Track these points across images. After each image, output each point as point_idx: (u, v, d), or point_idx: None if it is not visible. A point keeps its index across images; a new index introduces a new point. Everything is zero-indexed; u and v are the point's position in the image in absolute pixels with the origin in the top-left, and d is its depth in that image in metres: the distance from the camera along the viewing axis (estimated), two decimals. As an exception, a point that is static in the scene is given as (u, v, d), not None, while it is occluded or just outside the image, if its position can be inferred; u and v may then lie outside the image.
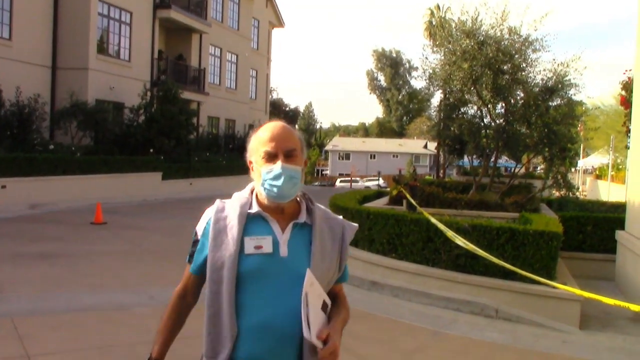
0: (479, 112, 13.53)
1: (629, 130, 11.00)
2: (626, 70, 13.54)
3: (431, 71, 13.23)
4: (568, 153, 12.93)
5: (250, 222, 2.19)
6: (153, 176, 24.83)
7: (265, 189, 2.17)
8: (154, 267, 10.49)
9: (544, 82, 12.67)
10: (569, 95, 12.74)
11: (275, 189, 2.15)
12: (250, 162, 2.27)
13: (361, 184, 57.39)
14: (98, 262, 10.60)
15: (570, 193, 13.12)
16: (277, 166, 2.14)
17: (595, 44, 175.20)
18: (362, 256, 9.93)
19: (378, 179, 61.08)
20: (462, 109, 13.65)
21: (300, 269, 2.11)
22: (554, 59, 12.57)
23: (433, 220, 8.86)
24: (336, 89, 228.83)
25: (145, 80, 26.84)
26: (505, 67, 12.31)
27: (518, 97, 12.94)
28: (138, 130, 24.70)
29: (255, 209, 2.22)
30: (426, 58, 13.54)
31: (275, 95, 58.47)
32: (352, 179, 60.65)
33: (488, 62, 12.01)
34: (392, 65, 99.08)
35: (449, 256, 8.73)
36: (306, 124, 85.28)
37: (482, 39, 12.40)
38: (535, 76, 12.69)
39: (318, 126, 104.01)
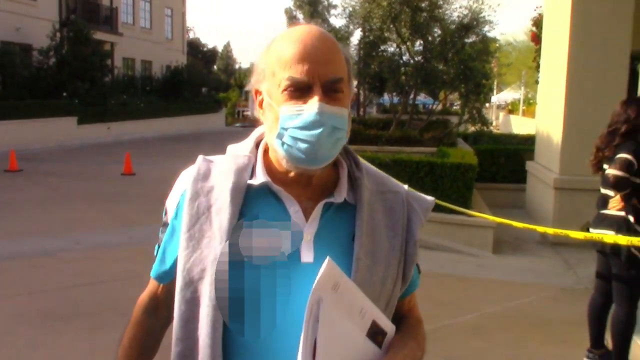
0: (398, 49, 13.79)
1: (539, 66, 11.53)
2: (537, 7, 14.05)
3: (351, 9, 13.32)
4: (483, 89, 13.47)
5: (251, 201, 1.28)
6: (68, 121, 23.93)
7: (286, 145, 1.24)
8: (76, 212, 10.32)
9: (460, 19, 13.03)
10: (484, 32, 13.18)
11: (305, 147, 1.21)
12: (258, 93, 1.32)
13: None
14: (18, 209, 10.32)
15: (485, 127, 13.73)
16: (312, 107, 1.20)
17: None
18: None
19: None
20: (381, 47, 13.86)
21: None
22: (469, -5, 12.92)
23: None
24: (255, 28, 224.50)
25: (54, 21, 25.51)
26: (423, 5, 12.57)
27: (435, 35, 13.27)
28: (49, 73, 23.64)
29: (261, 178, 1.30)
30: (346, -5, 13.59)
31: (192, 35, 56.87)
32: None
33: (407, 0, 12.19)
34: (310, 3, 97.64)
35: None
36: (225, 64, 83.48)
37: (400, -25, 12.52)
38: (451, 13, 13.06)
39: (237, 66, 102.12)
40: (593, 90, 8.04)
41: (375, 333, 1.24)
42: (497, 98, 41.11)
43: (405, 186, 1.45)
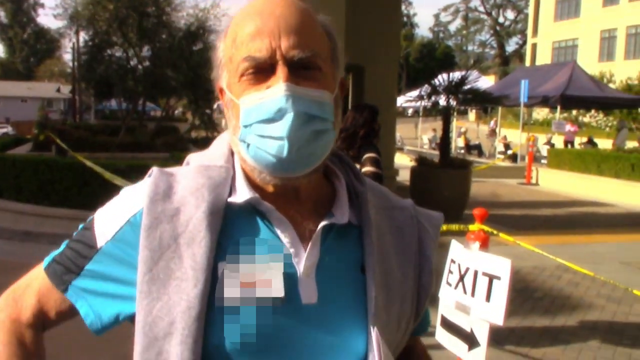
0: (125, 54, 13.54)
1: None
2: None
3: (72, 10, 12.71)
4: (213, 95, 13.90)
5: (230, 226, 0.98)
6: None
7: (251, 147, 0.96)
8: None
9: (187, 26, 13.29)
10: (210, 41, 13.61)
11: (274, 146, 0.93)
12: (222, 91, 1.04)
13: None
14: None
15: (216, 132, 14.16)
16: (276, 89, 0.92)
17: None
18: (9, 206, 9.38)
19: (6, 127, 55.29)
20: (108, 51, 13.48)
21: (345, 330, 0.99)
22: (196, 5, 13.30)
23: (89, 163, 8.80)
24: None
25: None
26: (150, 10, 12.54)
27: (164, 41, 13.34)
28: None
29: (245, 194, 0.99)
30: (67, -5, 12.93)
31: None
32: None
33: (133, 4, 12.07)
34: (13, 1, 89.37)
35: (111, 198, 8.83)
36: None
37: (125, -21, 12.35)
38: (179, 21, 13.25)
39: None
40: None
41: None
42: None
43: (409, 200, 1.17)
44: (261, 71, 0.94)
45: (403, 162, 14.81)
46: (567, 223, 10.68)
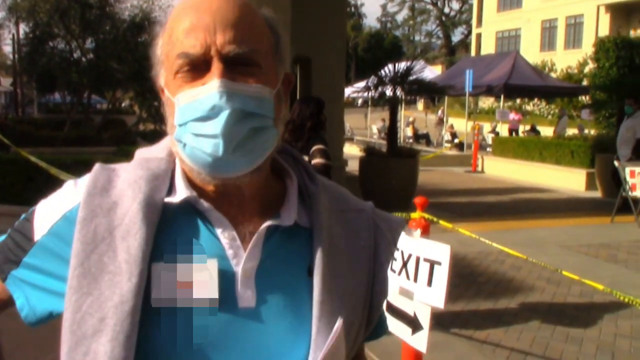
0: (68, 46, 13.26)
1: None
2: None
3: (12, 0, 12.37)
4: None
5: (167, 224, 0.95)
6: None
7: (187, 147, 0.92)
8: None
9: (132, 18, 13.10)
10: (156, 32, 13.43)
11: (210, 144, 0.89)
12: (162, 91, 1.00)
13: None
14: None
15: (164, 125, 13.98)
16: (210, 86, 0.89)
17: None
18: (-50, 204, 9.14)
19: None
20: (50, 43, 13.17)
21: (285, 336, 0.95)
22: (140, -4, 13.08)
23: (33, 158, 8.61)
24: None
25: None
26: (92, 1, 12.32)
27: (108, 33, 13.11)
28: None
29: (182, 192, 0.96)
30: (4, -15, 12.56)
31: None
32: None
33: (75, -5, 11.84)
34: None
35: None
36: None
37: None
38: (123, 12, 13.05)
39: None
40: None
41: None
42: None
43: (369, 203, 1.13)
44: (196, 68, 0.91)
45: (353, 152, 14.98)
46: (511, 209, 11.02)
